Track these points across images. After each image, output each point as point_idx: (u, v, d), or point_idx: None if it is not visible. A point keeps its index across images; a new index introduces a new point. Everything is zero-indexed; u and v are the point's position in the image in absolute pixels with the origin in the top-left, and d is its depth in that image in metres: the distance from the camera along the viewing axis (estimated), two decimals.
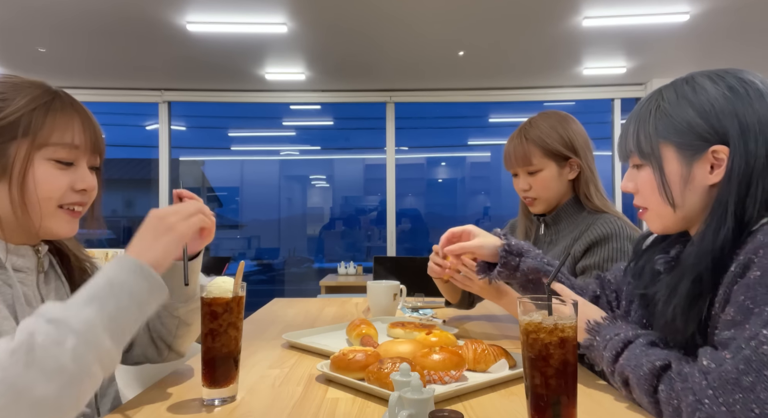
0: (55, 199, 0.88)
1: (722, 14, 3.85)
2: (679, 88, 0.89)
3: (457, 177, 8.99)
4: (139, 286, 0.77)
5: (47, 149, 0.87)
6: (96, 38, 4.22)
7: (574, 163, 1.50)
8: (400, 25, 4.01)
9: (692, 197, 0.88)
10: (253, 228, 8.78)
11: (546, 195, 1.53)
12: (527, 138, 1.52)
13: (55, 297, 0.94)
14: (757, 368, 0.69)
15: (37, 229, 0.89)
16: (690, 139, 0.86)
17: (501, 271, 1.21)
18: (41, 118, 0.86)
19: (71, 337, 0.66)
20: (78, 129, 0.90)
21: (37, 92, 0.88)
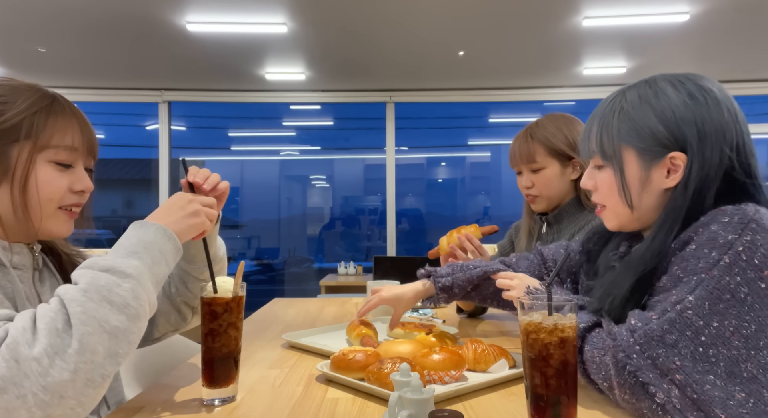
0: (55, 201, 0.90)
1: (722, 14, 3.85)
2: (641, 91, 0.92)
3: (457, 177, 8.99)
4: (167, 246, 0.83)
5: (48, 151, 0.89)
6: (96, 38, 4.22)
7: (577, 163, 1.52)
8: (401, 25, 4.01)
9: (648, 200, 0.92)
10: (253, 228, 8.79)
11: (547, 193, 1.55)
12: (533, 137, 1.55)
13: (50, 295, 0.95)
14: (680, 328, 0.77)
15: (36, 229, 0.90)
16: (650, 145, 0.89)
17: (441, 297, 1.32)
18: (43, 121, 0.88)
19: (128, 279, 0.73)
20: (76, 132, 0.92)
21: (36, 95, 0.89)
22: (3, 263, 0.87)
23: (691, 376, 0.74)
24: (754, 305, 0.76)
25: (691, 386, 0.74)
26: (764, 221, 0.79)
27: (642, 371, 0.77)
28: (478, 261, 1.33)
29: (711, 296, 0.77)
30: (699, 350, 0.75)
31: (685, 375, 0.75)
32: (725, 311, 0.76)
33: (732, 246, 0.77)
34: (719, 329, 0.76)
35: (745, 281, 0.76)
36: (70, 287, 0.70)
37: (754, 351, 0.75)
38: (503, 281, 1.17)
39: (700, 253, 0.80)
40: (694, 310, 0.77)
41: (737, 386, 0.73)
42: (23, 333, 0.64)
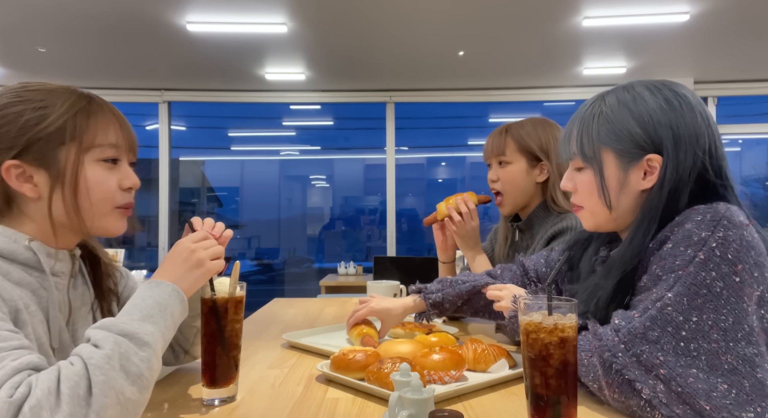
0: (108, 200, 0.91)
1: (722, 14, 3.86)
2: (620, 95, 0.96)
3: (457, 177, 8.99)
4: (177, 309, 0.84)
5: (94, 151, 0.89)
6: (96, 38, 4.22)
7: (545, 167, 1.53)
8: (401, 25, 4.01)
9: (626, 201, 0.95)
10: (253, 228, 8.79)
11: (511, 190, 1.56)
12: (508, 132, 1.58)
13: (80, 303, 0.95)
14: (662, 325, 0.80)
15: (88, 230, 0.90)
16: (629, 147, 0.92)
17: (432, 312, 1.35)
18: (85, 121, 0.88)
19: (145, 348, 0.74)
20: (117, 128, 0.92)
21: (73, 97, 0.89)
22: (44, 269, 0.86)
23: (675, 370, 0.77)
24: (730, 298, 0.79)
25: (675, 380, 0.76)
26: (735, 218, 0.82)
27: (627, 368, 0.79)
28: (465, 276, 1.37)
29: (689, 291, 0.80)
30: (681, 345, 0.78)
31: (668, 370, 0.77)
32: (703, 306, 0.79)
33: (706, 243, 0.81)
34: (698, 323, 0.78)
35: (720, 275, 0.79)
36: (94, 352, 0.70)
37: (732, 343, 0.77)
38: (493, 292, 1.20)
39: (676, 251, 0.83)
40: (673, 306, 0.80)
41: (719, 378, 0.76)
42: (48, 397, 0.64)
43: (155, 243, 5.71)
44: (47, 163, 0.86)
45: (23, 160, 0.85)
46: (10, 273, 0.82)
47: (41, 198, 0.86)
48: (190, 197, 8.17)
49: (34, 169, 0.85)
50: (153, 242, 5.78)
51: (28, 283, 0.84)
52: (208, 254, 0.90)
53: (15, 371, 0.66)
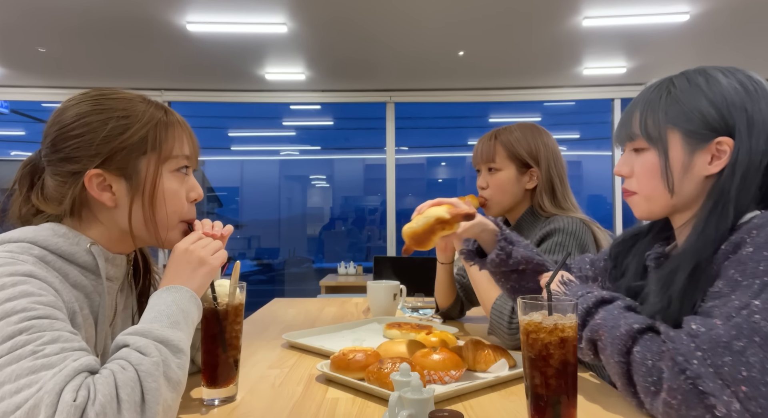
0: (178, 213, 0.92)
1: (722, 14, 3.85)
2: (691, 77, 0.91)
3: (457, 177, 8.99)
4: (195, 314, 0.84)
5: (171, 162, 0.90)
6: (96, 38, 4.22)
7: (534, 173, 1.53)
8: (400, 25, 4.01)
9: (688, 185, 0.90)
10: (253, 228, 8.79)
11: (499, 197, 1.56)
12: (497, 138, 1.57)
13: (123, 307, 0.96)
14: (748, 334, 0.71)
15: (162, 241, 0.91)
16: (698, 127, 0.87)
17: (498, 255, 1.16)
18: (164, 132, 0.89)
19: (180, 355, 0.75)
20: (188, 140, 0.94)
21: (151, 107, 0.90)
22: (100, 273, 0.86)
23: (758, 389, 0.68)
24: None
25: (756, 401, 0.68)
26: None
27: (703, 379, 0.71)
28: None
29: None
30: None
31: (751, 388, 0.69)
32: None
33: None
34: None
35: None
36: (143, 359, 0.70)
37: None
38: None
39: (759, 255, 0.76)
40: (762, 314, 0.72)
41: None
42: (111, 402, 0.64)
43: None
44: (128, 173, 0.86)
45: (105, 169, 0.85)
46: (68, 275, 0.83)
47: (118, 207, 0.87)
48: None
49: (115, 179, 0.86)
50: None
51: (84, 286, 0.85)
52: (207, 251, 0.89)
53: (75, 372, 0.66)
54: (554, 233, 1.43)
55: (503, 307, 1.36)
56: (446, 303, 1.72)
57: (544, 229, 1.46)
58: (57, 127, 0.86)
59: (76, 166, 0.85)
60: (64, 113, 0.87)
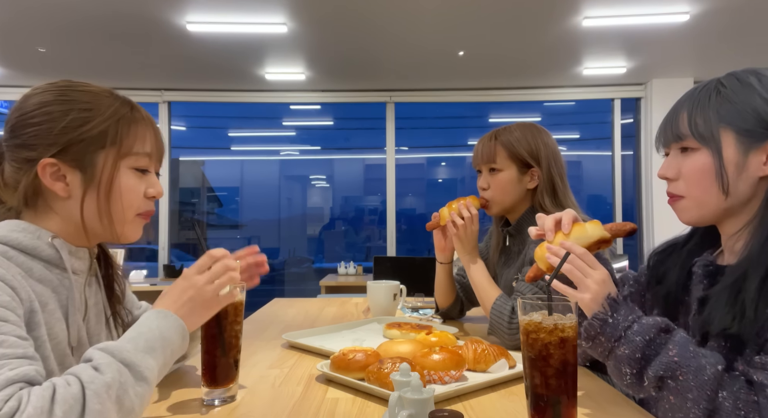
0: (134, 208, 0.91)
1: (722, 14, 3.85)
2: (741, 76, 0.88)
3: (457, 177, 8.99)
4: (179, 346, 0.82)
5: (130, 158, 0.90)
6: (96, 38, 4.22)
7: (535, 173, 1.53)
8: (401, 25, 4.01)
9: (743, 187, 0.86)
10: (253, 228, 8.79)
11: (500, 197, 1.56)
12: (497, 139, 1.56)
13: (93, 301, 0.96)
14: None
15: (118, 235, 0.91)
16: (753, 126, 0.84)
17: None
18: (126, 129, 0.89)
19: (142, 383, 0.73)
20: (152, 138, 0.93)
21: (117, 102, 0.90)
22: (65, 267, 0.87)
23: None
24: None
25: None
26: None
27: None
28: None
29: None
30: None
31: None
32: None
33: None
34: None
35: None
36: (95, 377, 0.68)
37: None
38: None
39: None
40: None
41: None
42: (39, 416, 0.62)
43: (155, 243, 5.70)
44: (84, 165, 0.86)
45: (60, 160, 0.85)
46: (32, 270, 0.83)
47: (71, 198, 0.87)
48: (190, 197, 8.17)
49: (70, 170, 0.86)
50: (153, 241, 5.78)
51: (50, 280, 0.85)
52: (213, 289, 0.87)
53: (8, 383, 0.64)
54: None
55: (503, 307, 1.36)
56: (446, 303, 1.72)
57: None
58: (18, 114, 0.86)
59: (32, 153, 0.85)
60: (28, 100, 0.87)
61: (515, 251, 1.60)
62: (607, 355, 0.83)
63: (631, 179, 5.88)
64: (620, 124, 5.72)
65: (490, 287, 1.47)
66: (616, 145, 5.75)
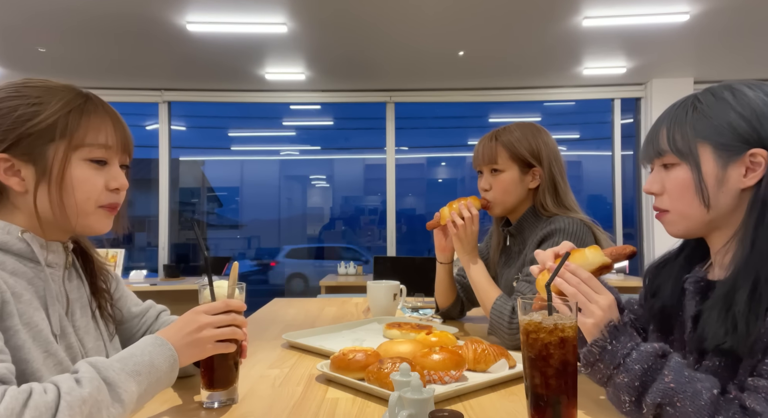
0: (92, 200, 0.91)
1: (722, 14, 3.85)
2: (716, 92, 0.90)
3: (457, 177, 8.99)
4: (166, 375, 0.83)
5: (83, 150, 0.89)
6: (96, 38, 4.22)
7: (537, 172, 1.53)
8: (401, 25, 4.01)
9: (725, 200, 0.87)
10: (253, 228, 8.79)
11: (502, 198, 1.56)
12: (498, 139, 1.56)
13: (76, 295, 0.96)
14: None
15: (73, 227, 0.91)
16: (730, 140, 0.86)
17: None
18: (77, 120, 0.88)
19: (117, 405, 0.73)
20: (110, 130, 0.92)
21: (70, 95, 0.90)
22: (38, 260, 0.87)
23: None
24: None
25: None
26: None
27: None
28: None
29: None
30: None
31: None
32: None
33: None
34: None
35: None
36: (73, 389, 0.69)
37: None
38: None
39: None
40: None
41: None
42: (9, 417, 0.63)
43: (155, 243, 5.70)
44: (35, 158, 0.86)
45: (12, 155, 0.85)
46: (5, 263, 0.83)
47: (28, 192, 0.87)
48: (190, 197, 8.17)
49: (23, 164, 0.86)
50: (153, 242, 5.78)
51: (23, 272, 0.85)
52: (210, 335, 0.88)
53: None
54: (555, 233, 1.43)
55: (503, 307, 1.36)
56: (446, 303, 1.72)
57: (544, 229, 1.46)
58: None
59: None
60: None
61: (516, 251, 1.60)
62: (606, 382, 0.84)
63: (631, 179, 5.89)
64: (620, 124, 5.72)
65: (490, 287, 1.47)
66: (616, 146, 5.75)
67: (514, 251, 1.61)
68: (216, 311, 0.90)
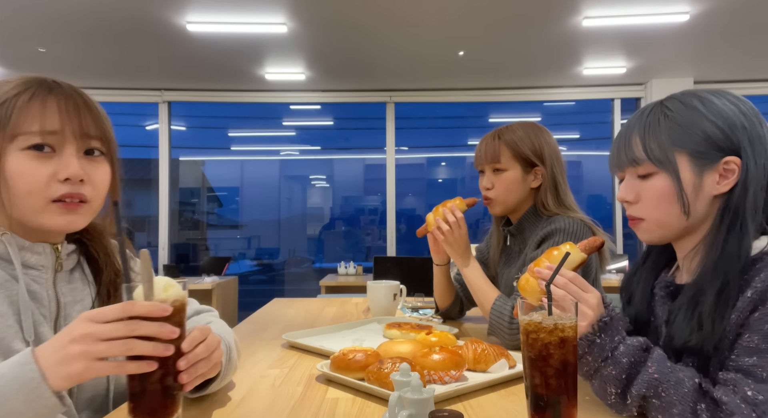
0: (37, 192, 0.83)
1: (722, 14, 3.85)
2: (684, 99, 0.91)
3: (457, 177, 8.99)
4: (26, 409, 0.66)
5: (19, 139, 0.82)
6: (96, 38, 4.22)
7: (539, 172, 1.53)
8: (400, 25, 4.01)
9: (701, 206, 0.89)
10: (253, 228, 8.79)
11: (504, 197, 1.55)
12: (501, 138, 1.56)
13: (72, 297, 0.93)
14: None
15: (32, 224, 0.85)
16: (706, 148, 0.87)
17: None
18: (10, 110, 0.82)
19: None
20: (52, 113, 0.84)
21: (9, 86, 0.85)
22: (9, 259, 0.85)
23: None
24: None
25: None
26: None
27: None
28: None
29: None
30: None
31: None
32: None
33: None
34: None
35: None
36: None
37: None
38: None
39: None
40: None
41: None
42: None
43: (155, 243, 5.70)
44: None
45: None
46: None
47: None
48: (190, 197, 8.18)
49: None
50: (153, 241, 5.78)
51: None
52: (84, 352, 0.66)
53: None
54: (555, 233, 1.43)
55: (503, 307, 1.36)
56: (445, 303, 1.72)
57: (545, 229, 1.46)
58: None
59: None
60: None
61: (516, 251, 1.60)
62: (592, 374, 0.86)
63: None
64: (620, 124, 5.72)
65: (488, 287, 1.46)
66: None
67: (515, 250, 1.61)
68: (106, 318, 0.68)
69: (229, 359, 0.95)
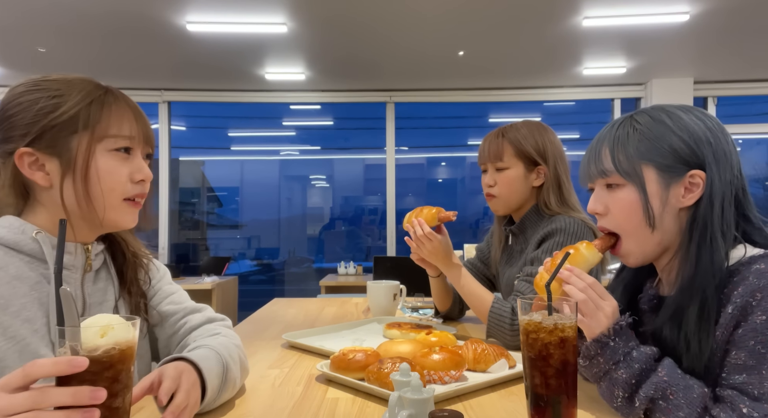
0: (118, 191, 0.89)
1: (722, 14, 3.85)
2: (652, 114, 0.93)
3: (457, 177, 8.99)
4: None
5: (107, 141, 0.88)
6: (96, 38, 4.22)
7: (542, 170, 1.53)
8: (401, 25, 4.01)
9: (668, 220, 0.90)
10: (253, 228, 8.79)
11: (507, 195, 1.55)
12: (504, 136, 1.56)
13: (99, 297, 0.95)
14: None
15: (101, 221, 0.90)
16: (672, 162, 0.89)
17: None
18: (98, 111, 0.88)
19: None
20: (132, 120, 0.91)
21: (89, 87, 0.89)
22: (45, 259, 0.86)
23: None
24: None
25: None
26: None
27: None
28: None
29: None
30: None
31: None
32: None
33: None
34: None
35: None
36: None
37: None
38: None
39: None
40: None
41: None
42: None
43: (155, 243, 5.71)
44: (59, 151, 0.86)
45: (36, 148, 0.85)
46: (8, 266, 0.83)
47: (53, 187, 0.87)
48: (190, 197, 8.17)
49: (47, 158, 0.86)
50: (153, 242, 5.78)
51: (27, 277, 0.84)
52: None
53: None
54: (555, 233, 1.43)
55: (502, 309, 1.36)
56: (445, 307, 1.72)
57: (545, 228, 1.46)
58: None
59: (10, 146, 0.86)
60: (5, 96, 0.89)
61: (517, 250, 1.60)
62: (601, 376, 0.86)
63: None
64: None
65: (481, 291, 1.44)
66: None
67: (516, 250, 1.61)
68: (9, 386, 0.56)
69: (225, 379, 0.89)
